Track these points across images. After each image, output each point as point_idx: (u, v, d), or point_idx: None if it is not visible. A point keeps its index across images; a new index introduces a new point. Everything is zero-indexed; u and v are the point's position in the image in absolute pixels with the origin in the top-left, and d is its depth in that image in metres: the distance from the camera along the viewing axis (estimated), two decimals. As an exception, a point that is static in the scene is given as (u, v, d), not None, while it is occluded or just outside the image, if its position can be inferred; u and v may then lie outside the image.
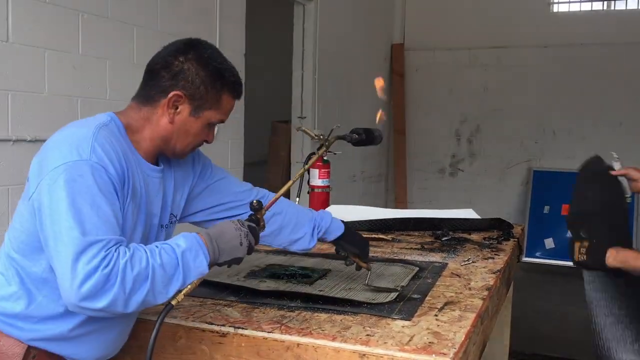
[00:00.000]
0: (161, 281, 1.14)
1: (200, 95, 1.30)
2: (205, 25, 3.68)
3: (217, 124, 1.38)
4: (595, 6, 6.59)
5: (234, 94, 1.36)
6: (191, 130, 1.33)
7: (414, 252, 2.27)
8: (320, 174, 3.20)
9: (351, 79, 6.03)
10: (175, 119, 1.31)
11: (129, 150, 1.28)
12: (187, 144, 1.36)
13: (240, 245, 1.25)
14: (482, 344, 1.57)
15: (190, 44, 1.33)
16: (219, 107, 1.34)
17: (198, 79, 1.29)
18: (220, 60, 1.34)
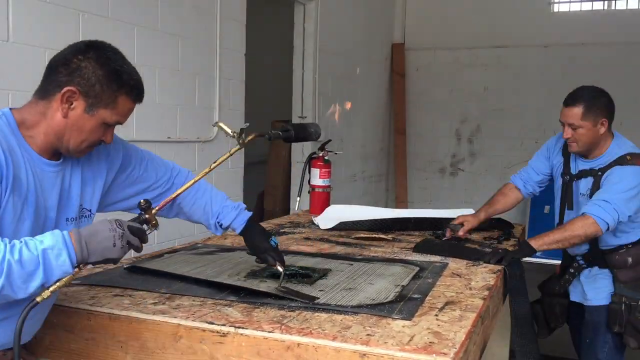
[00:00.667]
0: (19, 277, 1.15)
1: (95, 93, 1.32)
2: (205, 25, 3.68)
3: (114, 124, 1.40)
4: (595, 6, 6.59)
5: (132, 96, 1.39)
6: (85, 128, 1.35)
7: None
8: (320, 173, 3.20)
9: (352, 78, 6.03)
10: (69, 115, 1.33)
11: (18, 145, 1.30)
12: (80, 141, 1.37)
13: (114, 246, 1.25)
14: (483, 343, 1.57)
15: (91, 45, 1.36)
16: (115, 108, 1.36)
17: (94, 77, 1.32)
18: (121, 62, 1.37)
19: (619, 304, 2.41)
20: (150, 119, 3.24)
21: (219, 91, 3.80)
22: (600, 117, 2.38)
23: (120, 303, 1.49)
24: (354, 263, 2.01)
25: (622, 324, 2.41)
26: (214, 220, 1.77)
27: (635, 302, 2.39)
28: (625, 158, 2.37)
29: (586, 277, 2.55)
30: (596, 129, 2.39)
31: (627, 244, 2.43)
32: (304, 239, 2.50)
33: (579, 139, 2.41)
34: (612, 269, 2.45)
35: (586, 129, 2.38)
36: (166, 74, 3.35)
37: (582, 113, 2.37)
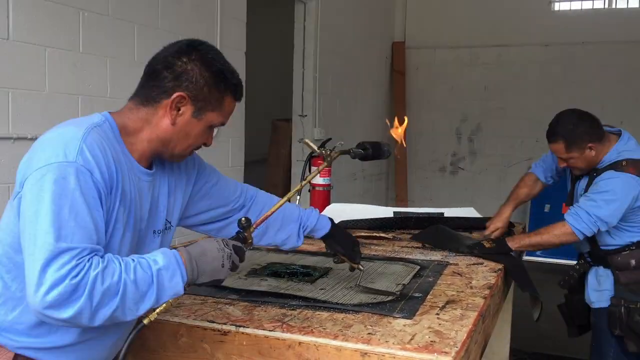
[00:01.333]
0: (132, 298, 1.09)
1: (203, 96, 1.27)
2: (206, 24, 3.67)
3: (218, 126, 1.35)
4: (596, 5, 6.58)
5: (235, 95, 1.33)
6: (192, 133, 1.30)
7: (415, 250, 2.26)
8: (321, 172, 3.20)
9: (352, 77, 6.03)
10: (177, 121, 1.27)
11: (122, 153, 1.24)
12: (186, 147, 1.32)
13: (222, 267, 1.20)
14: (484, 342, 1.57)
15: (192, 45, 1.30)
16: (221, 109, 1.31)
17: (202, 80, 1.26)
18: (223, 62, 1.31)
19: (618, 307, 2.39)
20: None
21: (219, 90, 3.80)
22: (584, 144, 2.36)
23: (121, 302, 1.48)
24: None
25: (622, 327, 2.38)
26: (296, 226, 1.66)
27: (634, 304, 2.37)
28: (620, 164, 2.34)
29: (593, 278, 2.53)
30: (585, 155, 2.38)
31: (630, 245, 2.41)
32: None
33: (574, 165, 2.45)
34: (614, 270, 2.43)
35: (575, 158, 2.40)
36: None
37: (565, 147, 2.38)
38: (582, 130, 2.37)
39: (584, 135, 2.36)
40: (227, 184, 1.59)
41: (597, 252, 2.48)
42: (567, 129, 2.38)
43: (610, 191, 2.30)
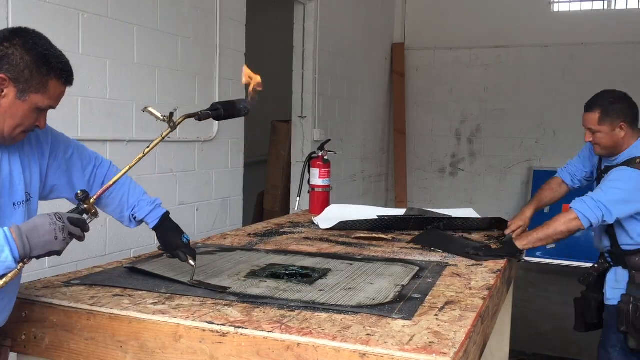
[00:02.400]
0: None
1: (25, 78, 1.34)
2: (205, 25, 3.68)
3: (47, 109, 1.42)
4: (595, 6, 6.59)
5: (61, 79, 1.42)
6: (18, 114, 1.37)
7: (414, 251, 2.26)
8: (320, 173, 3.20)
9: (352, 78, 6.03)
10: (1, 102, 1.35)
11: None
12: (14, 127, 1.38)
13: (55, 239, 1.29)
14: (483, 343, 1.57)
15: (16, 32, 1.38)
16: (46, 92, 1.38)
17: (22, 63, 1.34)
18: (47, 47, 1.39)
19: (627, 304, 2.42)
20: (150, 118, 3.24)
21: (218, 91, 3.80)
22: (617, 121, 2.43)
23: (120, 303, 1.48)
24: (353, 263, 2.01)
25: (628, 324, 2.41)
26: (128, 212, 1.78)
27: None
28: (634, 160, 2.39)
29: (612, 275, 2.55)
30: (614, 133, 2.44)
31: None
32: (303, 238, 2.49)
33: (599, 142, 2.50)
34: (631, 271, 2.46)
35: (604, 133, 2.45)
36: (166, 74, 3.34)
37: (599, 118, 2.45)
38: (620, 107, 2.45)
39: (620, 112, 2.44)
40: (81, 157, 1.70)
41: (617, 250, 2.50)
42: (607, 101, 2.47)
43: (616, 180, 2.36)
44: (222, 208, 3.87)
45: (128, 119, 3.08)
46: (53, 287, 1.60)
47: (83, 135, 2.80)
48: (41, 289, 1.57)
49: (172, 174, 3.43)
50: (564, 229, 2.35)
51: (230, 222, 3.94)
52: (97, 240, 2.95)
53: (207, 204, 3.69)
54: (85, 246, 2.89)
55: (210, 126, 3.76)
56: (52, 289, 1.57)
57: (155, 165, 3.28)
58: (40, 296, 1.51)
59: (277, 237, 2.51)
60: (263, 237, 2.48)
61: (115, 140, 2.99)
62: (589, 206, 2.31)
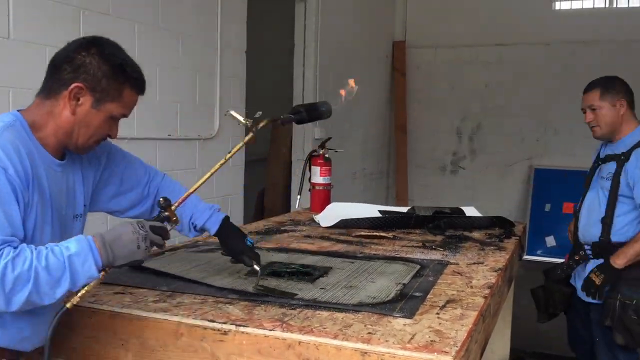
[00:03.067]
0: (46, 283, 1.18)
1: (101, 88, 1.34)
2: (206, 23, 3.67)
3: (120, 117, 1.42)
4: (597, 4, 6.57)
5: (136, 89, 1.42)
6: (93, 123, 1.37)
7: (416, 250, 2.26)
8: (321, 171, 3.20)
9: (353, 76, 6.02)
10: (77, 111, 1.34)
11: (35, 149, 1.32)
12: (88, 137, 1.39)
13: (138, 248, 1.29)
14: (484, 342, 1.57)
15: (93, 41, 1.37)
16: (121, 101, 1.39)
17: (100, 72, 1.34)
18: (123, 56, 1.40)
19: (614, 300, 2.44)
20: (150, 116, 3.24)
21: (219, 89, 3.80)
22: (617, 97, 2.55)
23: (121, 301, 1.48)
24: (355, 261, 2.01)
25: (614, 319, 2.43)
26: (187, 219, 1.74)
27: (630, 301, 2.41)
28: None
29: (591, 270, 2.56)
30: (615, 109, 2.54)
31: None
32: (304, 236, 2.49)
33: (600, 120, 2.56)
34: None
35: (606, 109, 2.55)
36: (167, 72, 3.34)
37: (600, 94, 2.57)
38: (619, 83, 2.61)
39: (619, 89, 2.58)
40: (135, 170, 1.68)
41: (605, 243, 2.50)
42: (606, 79, 2.65)
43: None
44: (223, 206, 3.87)
45: (129, 117, 3.08)
46: (54, 285, 1.60)
47: (84, 133, 2.80)
48: (42, 287, 1.56)
49: (172, 172, 3.42)
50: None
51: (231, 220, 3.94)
52: (98, 238, 2.95)
53: (208, 202, 3.68)
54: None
55: (211, 124, 3.76)
56: (53, 287, 1.57)
57: (156, 163, 3.28)
58: (42, 294, 1.51)
59: (278, 235, 2.51)
60: (264, 235, 2.48)
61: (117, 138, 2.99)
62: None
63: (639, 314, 2.38)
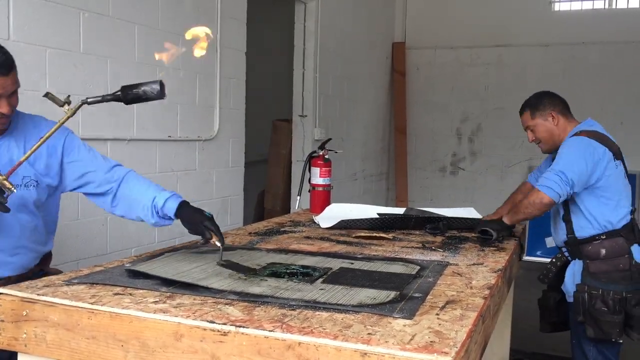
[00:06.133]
0: None
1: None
2: (206, 24, 3.67)
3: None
4: (596, 5, 6.58)
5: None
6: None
7: (415, 250, 2.26)
8: (321, 172, 3.20)
9: (352, 77, 6.03)
10: None
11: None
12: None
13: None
14: (484, 342, 1.57)
15: None
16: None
17: None
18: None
19: (582, 293, 2.47)
20: (150, 117, 3.25)
21: (219, 90, 3.81)
22: (547, 111, 2.63)
23: (120, 302, 1.48)
24: (354, 262, 2.01)
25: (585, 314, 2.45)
26: (149, 202, 1.88)
27: (596, 290, 2.44)
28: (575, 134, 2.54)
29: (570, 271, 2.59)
30: (547, 123, 2.63)
31: (600, 234, 2.49)
32: (304, 237, 2.49)
33: (540, 137, 2.67)
34: (585, 260, 2.51)
35: (539, 125, 2.65)
36: (166, 73, 3.35)
37: (530, 114, 2.67)
38: (545, 100, 2.67)
39: (547, 104, 2.65)
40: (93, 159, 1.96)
41: (573, 241, 2.55)
42: (532, 99, 2.71)
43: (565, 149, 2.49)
44: (223, 207, 3.87)
45: (129, 118, 3.09)
46: (54, 285, 1.60)
47: (84, 134, 2.80)
48: (42, 288, 1.57)
49: (172, 173, 3.43)
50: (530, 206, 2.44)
51: (231, 221, 3.95)
52: (98, 239, 2.95)
53: (208, 203, 3.69)
54: (86, 245, 2.90)
55: (211, 125, 3.76)
56: (53, 288, 1.57)
57: (156, 165, 3.28)
58: (41, 295, 1.51)
59: (277, 236, 2.51)
60: (264, 236, 2.48)
61: (116, 139, 2.99)
62: (548, 177, 2.41)
63: (607, 304, 2.41)
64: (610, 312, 2.40)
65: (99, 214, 2.88)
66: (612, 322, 2.39)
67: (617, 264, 2.47)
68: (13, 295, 1.51)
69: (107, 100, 1.70)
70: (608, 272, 2.46)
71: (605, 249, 2.48)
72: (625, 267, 2.46)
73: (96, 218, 2.91)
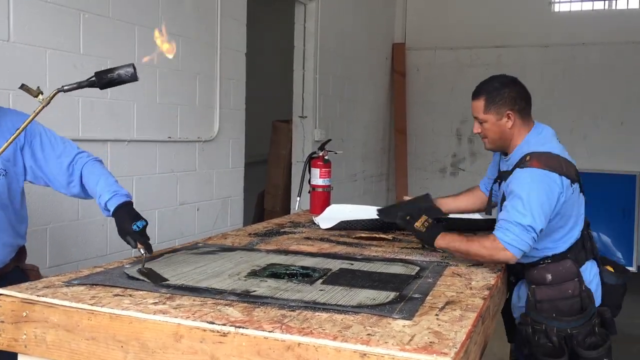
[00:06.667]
0: None
1: None
2: (206, 25, 3.68)
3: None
4: (596, 6, 6.59)
5: None
6: None
7: (415, 251, 2.26)
8: (321, 173, 3.20)
9: (352, 78, 6.03)
10: None
11: None
12: None
13: None
14: (483, 343, 1.57)
15: None
16: None
17: None
18: None
19: (525, 326, 2.17)
20: (150, 118, 3.25)
21: (219, 91, 3.81)
22: (504, 109, 2.18)
23: (120, 303, 1.49)
24: (354, 263, 2.01)
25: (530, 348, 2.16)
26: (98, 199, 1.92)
27: (539, 325, 2.13)
28: (524, 159, 2.11)
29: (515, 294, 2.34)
30: (501, 123, 2.19)
31: (545, 258, 2.17)
32: (304, 238, 2.50)
33: (486, 134, 2.25)
34: (530, 285, 2.19)
35: (490, 123, 2.21)
36: (167, 74, 3.35)
37: (484, 106, 2.20)
38: (507, 93, 2.19)
39: (506, 99, 2.18)
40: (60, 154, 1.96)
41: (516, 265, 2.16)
42: (494, 86, 2.21)
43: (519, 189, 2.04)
44: (223, 208, 3.87)
45: (129, 119, 3.09)
46: (54, 287, 1.60)
47: (84, 135, 2.80)
48: (42, 289, 1.57)
49: (172, 174, 3.43)
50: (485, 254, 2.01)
51: (230, 222, 3.95)
52: (98, 241, 2.95)
53: (208, 204, 3.69)
54: (86, 246, 2.90)
55: (211, 126, 3.76)
56: (52, 289, 1.57)
57: (156, 165, 3.29)
58: (41, 296, 1.51)
59: (277, 237, 2.51)
60: (264, 237, 2.49)
61: (116, 140, 2.99)
62: (515, 233, 1.97)
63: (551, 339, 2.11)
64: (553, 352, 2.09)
65: (99, 214, 2.88)
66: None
67: (565, 289, 2.14)
68: (13, 296, 1.52)
69: (83, 87, 1.68)
70: (554, 299, 2.14)
71: (550, 273, 2.15)
72: (574, 293, 2.13)
73: (96, 219, 2.91)
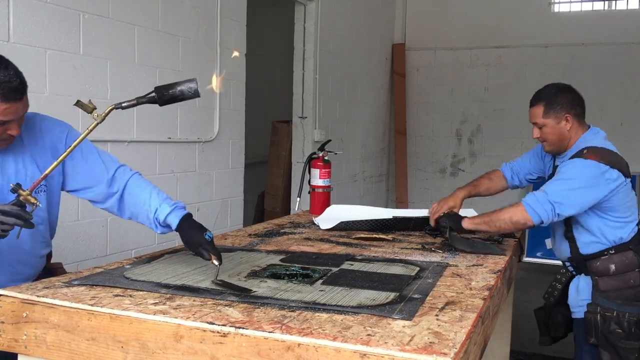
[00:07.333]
0: None
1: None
2: (206, 25, 3.68)
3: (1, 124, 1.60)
4: (596, 6, 6.59)
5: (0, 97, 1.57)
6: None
7: (415, 252, 2.27)
8: (321, 174, 3.21)
9: (352, 78, 6.03)
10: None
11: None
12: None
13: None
14: (483, 343, 1.57)
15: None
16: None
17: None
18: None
19: (594, 314, 2.30)
20: (150, 119, 3.25)
21: (219, 91, 3.81)
22: (562, 113, 2.37)
23: (120, 303, 1.49)
24: (354, 263, 2.01)
25: (598, 336, 2.29)
26: (152, 215, 1.85)
27: (611, 312, 2.27)
28: (582, 152, 2.30)
29: (574, 287, 2.46)
30: (560, 126, 2.38)
31: (609, 249, 2.32)
32: (304, 239, 2.50)
33: (546, 137, 2.43)
34: (594, 277, 2.35)
35: (549, 126, 2.39)
36: (166, 74, 3.35)
37: (543, 111, 2.39)
38: (564, 99, 2.39)
39: (564, 104, 2.37)
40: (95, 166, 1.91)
41: (577, 257, 2.40)
42: (551, 93, 2.41)
43: (565, 172, 2.26)
44: (223, 208, 3.87)
45: (129, 119, 3.09)
46: (54, 287, 1.60)
47: (84, 136, 2.80)
48: (42, 289, 1.57)
49: (172, 174, 3.43)
50: (506, 216, 2.23)
51: (230, 222, 3.95)
52: (98, 241, 2.95)
53: (208, 205, 3.69)
54: (86, 247, 2.90)
55: (211, 127, 3.76)
56: (53, 289, 1.57)
57: (155, 166, 3.29)
58: (41, 296, 1.51)
59: (277, 237, 2.51)
60: (264, 238, 2.49)
61: (116, 140, 2.99)
62: (538, 199, 2.19)
63: (622, 325, 2.26)
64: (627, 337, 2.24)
65: (99, 215, 2.88)
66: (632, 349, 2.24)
67: (627, 279, 2.30)
68: (13, 296, 1.52)
69: (142, 103, 1.66)
70: (619, 289, 2.30)
71: (614, 264, 2.30)
72: (636, 283, 2.30)
73: (96, 219, 2.91)
